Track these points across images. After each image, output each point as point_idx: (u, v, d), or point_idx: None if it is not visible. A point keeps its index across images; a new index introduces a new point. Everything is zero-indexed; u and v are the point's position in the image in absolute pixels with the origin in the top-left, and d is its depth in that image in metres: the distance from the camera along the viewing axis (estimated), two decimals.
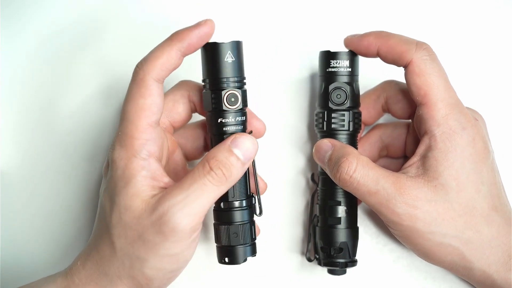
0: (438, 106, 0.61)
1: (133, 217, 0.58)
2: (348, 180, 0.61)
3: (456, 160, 0.60)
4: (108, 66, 0.75)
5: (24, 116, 0.74)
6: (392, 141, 0.70)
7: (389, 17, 0.76)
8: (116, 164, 0.59)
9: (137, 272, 0.58)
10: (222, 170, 0.58)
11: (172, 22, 0.75)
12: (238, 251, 0.62)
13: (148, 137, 0.59)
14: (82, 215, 0.74)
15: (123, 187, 0.59)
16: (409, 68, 0.62)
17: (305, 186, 0.74)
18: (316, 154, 0.65)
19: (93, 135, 0.74)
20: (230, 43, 0.60)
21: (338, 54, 0.65)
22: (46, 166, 0.74)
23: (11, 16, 0.75)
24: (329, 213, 0.66)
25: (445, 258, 0.61)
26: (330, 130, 0.66)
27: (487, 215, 0.61)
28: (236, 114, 0.62)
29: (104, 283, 0.59)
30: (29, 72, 0.75)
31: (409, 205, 0.59)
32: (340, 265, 0.66)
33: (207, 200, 0.58)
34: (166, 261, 0.58)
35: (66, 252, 0.73)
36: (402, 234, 0.61)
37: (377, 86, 0.69)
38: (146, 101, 0.59)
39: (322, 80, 0.67)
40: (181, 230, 0.56)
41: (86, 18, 0.76)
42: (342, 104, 0.65)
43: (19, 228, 0.73)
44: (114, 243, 0.59)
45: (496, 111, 0.73)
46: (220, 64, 0.60)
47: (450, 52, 0.74)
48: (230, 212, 0.62)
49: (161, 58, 0.59)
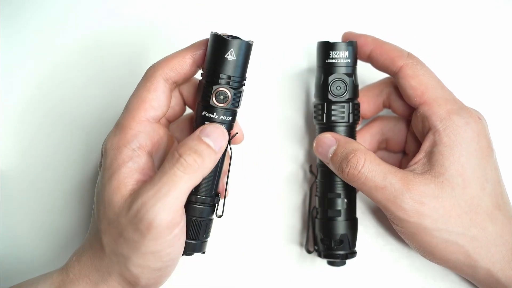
0: (438, 102, 0.62)
1: (114, 214, 0.57)
2: (357, 175, 0.61)
3: (462, 154, 0.60)
4: (109, 67, 0.75)
5: (24, 116, 0.74)
6: (392, 135, 0.69)
7: (388, 11, 0.76)
8: (107, 153, 0.59)
9: (123, 269, 0.57)
10: (192, 157, 0.56)
11: (161, 19, 0.76)
12: (186, 244, 0.60)
13: (142, 130, 0.59)
14: (81, 214, 0.73)
15: (108, 179, 0.58)
16: (401, 72, 0.63)
17: (303, 177, 0.74)
18: (318, 148, 0.64)
19: (93, 135, 0.74)
20: (236, 41, 0.58)
21: (338, 45, 0.65)
22: (46, 166, 0.74)
23: (11, 16, 0.75)
24: (329, 205, 0.66)
25: (450, 256, 0.61)
26: (330, 122, 0.65)
27: (491, 213, 0.61)
28: (223, 112, 0.60)
29: (96, 278, 0.59)
30: (29, 72, 0.75)
31: (416, 201, 0.59)
32: (340, 257, 0.66)
33: (180, 191, 0.56)
34: (149, 259, 0.57)
35: (66, 251, 0.72)
36: (408, 232, 0.61)
37: (380, 81, 0.69)
38: (149, 94, 0.60)
39: (320, 71, 0.66)
40: (156, 226, 0.55)
41: (86, 18, 0.75)
42: (341, 95, 0.65)
43: (19, 227, 0.73)
44: (101, 239, 0.58)
45: (496, 111, 0.73)
46: (219, 59, 0.59)
47: (450, 52, 0.75)
48: (187, 204, 0.60)
49: (173, 60, 0.60)
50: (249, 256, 0.72)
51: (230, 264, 0.72)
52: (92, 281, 0.59)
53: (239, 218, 0.69)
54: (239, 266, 0.72)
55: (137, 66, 0.73)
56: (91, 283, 0.59)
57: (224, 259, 0.71)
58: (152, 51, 0.75)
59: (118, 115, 0.61)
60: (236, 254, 0.72)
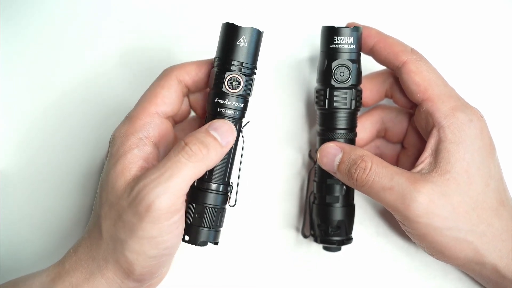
0: (442, 98, 0.62)
1: (115, 197, 0.58)
2: (365, 178, 0.61)
3: (467, 151, 0.60)
4: (109, 67, 0.74)
5: (24, 116, 0.74)
6: (392, 125, 0.69)
7: (390, 4, 0.76)
8: (115, 140, 0.60)
9: (119, 255, 0.57)
10: (198, 146, 0.57)
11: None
12: (197, 231, 0.61)
13: (151, 121, 0.61)
14: (81, 214, 0.73)
15: (113, 164, 0.59)
16: (405, 67, 0.63)
17: (301, 163, 0.74)
18: (323, 159, 0.64)
19: (93, 135, 0.74)
20: (247, 28, 0.60)
21: (343, 30, 0.64)
22: (46, 166, 0.73)
23: (11, 16, 0.74)
24: (327, 191, 0.66)
25: (459, 254, 0.61)
26: (332, 108, 0.65)
27: (496, 209, 0.61)
28: (236, 99, 0.61)
29: (91, 267, 0.59)
30: (29, 72, 0.74)
31: (425, 200, 0.59)
32: (336, 243, 0.66)
33: (183, 178, 0.56)
34: (144, 244, 0.56)
35: (66, 249, 0.70)
36: (418, 233, 0.61)
37: (384, 70, 0.69)
38: (162, 90, 0.61)
39: (324, 56, 0.65)
40: (155, 209, 0.55)
41: (87, 18, 0.75)
42: (345, 82, 0.64)
43: (18, 226, 0.73)
44: (101, 225, 0.58)
45: (495, 112, 0.73)
46: (231, 46, 0.60)
47: (449, 53, 0.75)
48: (201, 192, 0.61)
49: (190, 66, 0.63)
50: (245, 240, 0.72)
51: (226, 248, 0.72)
52: (88, 271, 0.58)
53: (236, 203, 0.69)
54: (235, 250, 0.72)
55: (134, 66, 0.74)
56: (86, 273, 0.58)
57: (220, 243, 0.70)
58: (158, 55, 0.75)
59: (119, 114, 0.63)
60: (232, 238, 0.72)
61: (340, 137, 0.65)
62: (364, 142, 0.70)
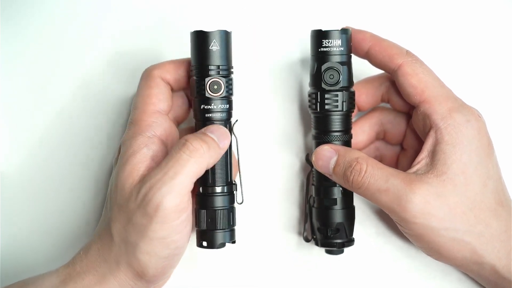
0: (439, 100, 0.62)
1: (124, 199, 0.59)
2: (360, 181, 0.61)
3: (464, 152, 0.60)
4: (110, 67, 0.75)
5: (24, 116, 0.74)
6: (391, 127, 0.69)
7: (384, 6, 0.75)
8: (124, 144, 0.62)
9: (131, 257, 0.58)
10: (199, 142, 0.59)
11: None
12: (213, 235, 0.63)
13: (155, 120, 0.62)
14: (81, 214, 0.73)
15: (122, 165, 0.60)
16: (400, 70, 0.63)
17: (299, 167, 0.73)
18: (319, 162, 0.64)
19: (93, 135, 0.74)
20: (216, 32, 0.62)
21: (330, 33, 0.64)
22: (46, 166, 0.74)
23: (11, 16, 0.75)
24: (324, 194, 0.66)
25: (457, 254, 0.61)
26: (324, 111, 0.65)
27: (494, 209, 0.61)
28: (220, 101, 0.63)
29: (103, 270, 0.59)
30: (29, 72, 0.75)
31: (420, 201, 0.59)
32: (337, 245, 0.66)
33: (187, 175, 0.57)
34: (155, 245, 0.58)
35: (67, 250, 0.72)
36: (415, 233, 0.61)
37: (381, 74, 0.69)
38: (152, 90, 0.63)
39: (314, 60, 0.66)
40: (163, 209, 0.56)
41: (87, 18, 0.75)
42: (335, 84, 0.65)
43: (19, 228, 0.73)
44: (111, 228, 0.59)
45: (494, 110, 0.73)
46: (204, 52, 0.62)
47: (445, 53, 0.74)
48: (208, 197, 0.63)
49: (170, 63, 0.64)
50: (248, 245, 0.72)
51: (226, 249, 0.72)
52: (100, 273, 0.59)
53: (238, 208, 0.69)
54: (238, 255, 0.72)
55: (134, 66, 0.74)
56: (98, 275, 0.59)
57: (223, 248, 0.71)
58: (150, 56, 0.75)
59: (119, 114, 0.65)
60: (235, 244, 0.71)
61: (335, 139, 0.65)
62: (364, 144, 0.70)
